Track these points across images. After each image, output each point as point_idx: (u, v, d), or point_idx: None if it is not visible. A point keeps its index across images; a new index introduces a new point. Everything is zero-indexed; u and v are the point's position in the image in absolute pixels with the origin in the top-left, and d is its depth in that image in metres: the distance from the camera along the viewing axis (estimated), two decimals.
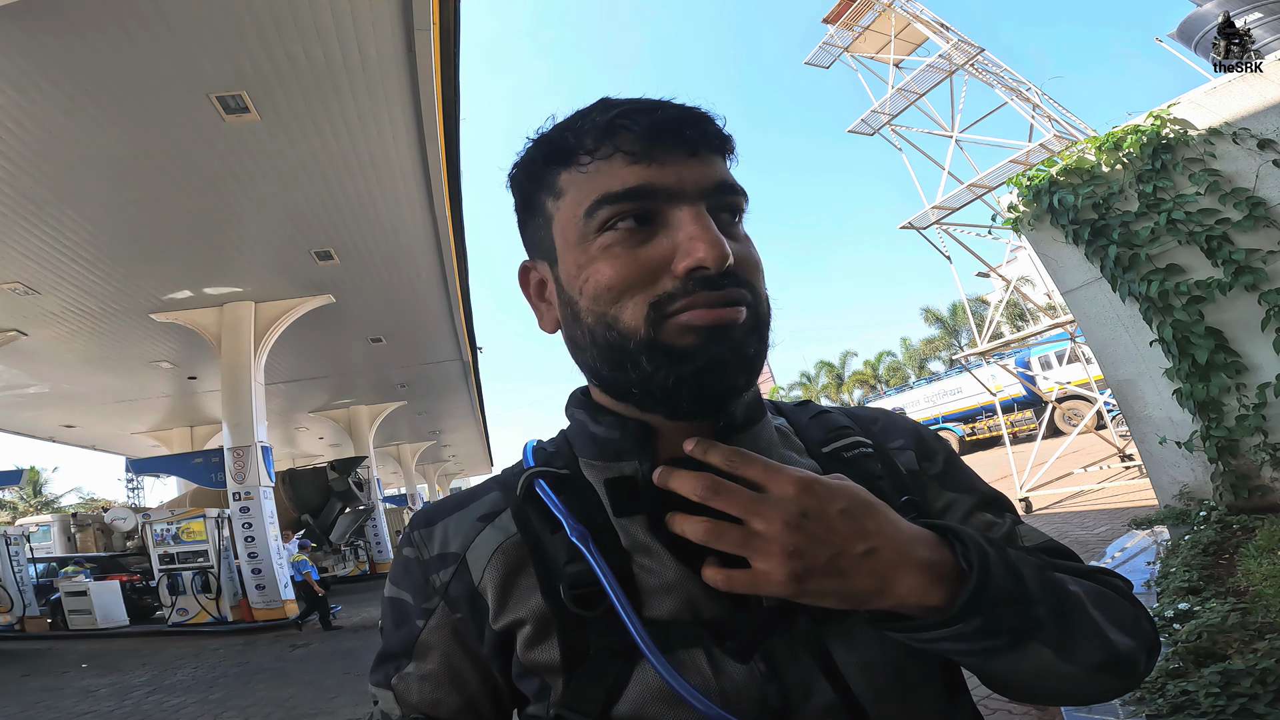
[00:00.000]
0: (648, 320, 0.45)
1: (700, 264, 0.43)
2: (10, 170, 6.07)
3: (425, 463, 29.97)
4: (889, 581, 0.41)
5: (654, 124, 0.46)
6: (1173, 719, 2.13)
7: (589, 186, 0.47)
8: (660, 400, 0.47)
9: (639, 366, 0.45)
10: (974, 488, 0.60)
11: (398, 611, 0.56)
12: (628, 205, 0.45)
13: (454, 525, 0.56)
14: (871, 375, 39.51)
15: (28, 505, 31.21)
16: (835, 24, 11.65)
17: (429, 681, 0.53)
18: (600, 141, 0.46)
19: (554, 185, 0.49)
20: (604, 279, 0.46)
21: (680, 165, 0.46)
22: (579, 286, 0.47)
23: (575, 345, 0.50)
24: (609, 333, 0.46)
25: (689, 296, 0.44)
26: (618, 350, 0.46)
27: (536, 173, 0.51)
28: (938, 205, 9.41)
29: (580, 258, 0.47)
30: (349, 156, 6.89)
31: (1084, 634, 0.45)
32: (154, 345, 11.23)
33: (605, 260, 0.46)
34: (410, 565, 0.56)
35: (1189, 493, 4.65)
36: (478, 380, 16.69)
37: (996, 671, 0.45)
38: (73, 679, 7.02)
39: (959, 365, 18.84)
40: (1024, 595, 0.42)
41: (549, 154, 0.49)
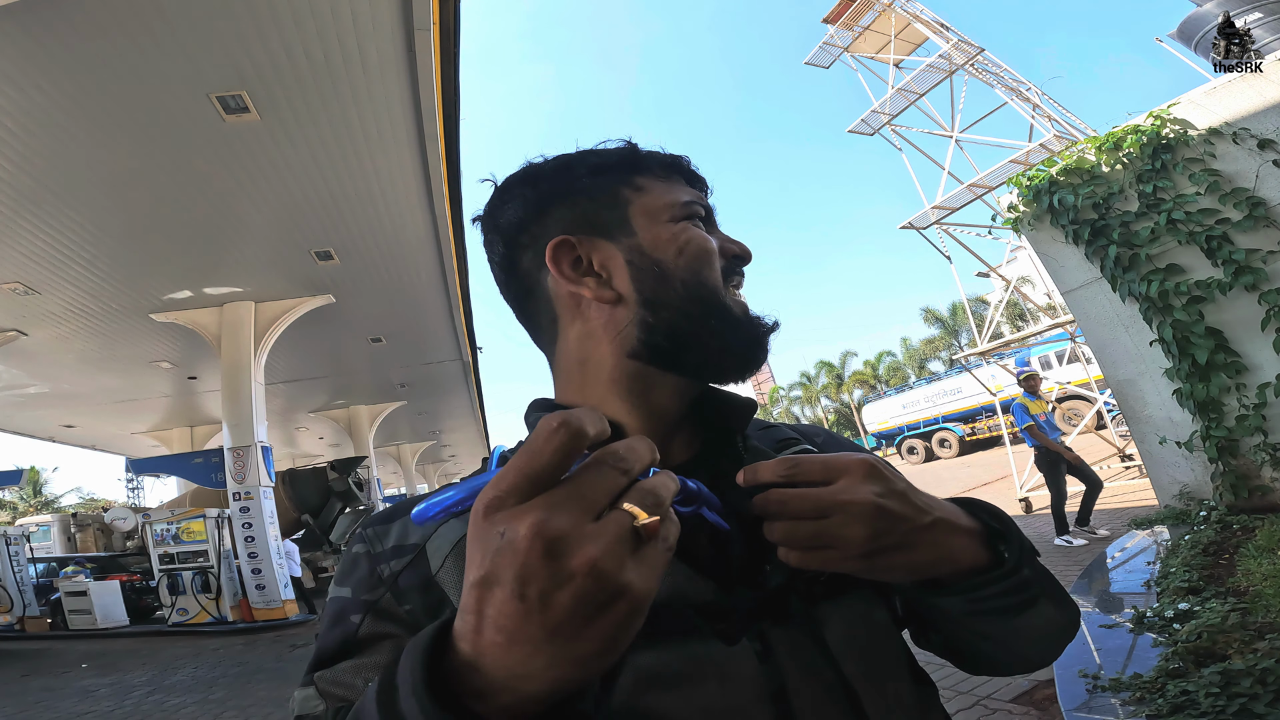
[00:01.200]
0: (723, 284, 0.57)
1: (745, 254, 0.61)
2: (10, 170, 6.07)
3: (425, 463, 29.98)
4: (948, 549, 0.46)
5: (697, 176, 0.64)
6: (1173, 719, 2.13)
7: (672, 189, 0.60)
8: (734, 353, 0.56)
9: (725, 319, 0.55)
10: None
11: (336, 611, 0.51)
12: (703, 210, 0.61)
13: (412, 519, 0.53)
14: (871, 375, 39.51)
15: (28, 505, 31.21)
16: (835, 24, 11.65)
17: (363, 674, 0.47)
18: (670, 170, 0.61)
19: (632, 180, 0.60)
20: (704, 243, 0.57)
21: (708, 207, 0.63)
22: (677, 248, 0.56)
23: (655, 305, 0.55)
24: (702, 289, 0.55)
25: (732, 276, 0.59)
26: (706, 304, 0.55)
27: (611, 165, 0.60)
28: (938, 205, 9.41)
29: (675, 229, 0.57)
30: (349, 156, 6.89)
31: (1062, 591, 0.53)
32: (154, 345, 11.23)
33: (699, 232, 0.58)
34: (358, 560, 0.52)
35: (1189, 493, 4.65)
36: (478, 380, 16.70)
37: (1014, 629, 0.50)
38: (73, 679, 7.02)
39: (959, 365, 18.84)
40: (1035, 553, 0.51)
41: (634, 158, 0.61)
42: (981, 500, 0.52)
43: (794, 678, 0.47)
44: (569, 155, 0.61)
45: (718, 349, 0.55)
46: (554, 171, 0.60)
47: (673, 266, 0.56)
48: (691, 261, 0.56)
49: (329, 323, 11.05)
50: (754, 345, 0.56)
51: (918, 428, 21.91)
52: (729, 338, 0.55)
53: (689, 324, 0.55)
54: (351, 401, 17.26)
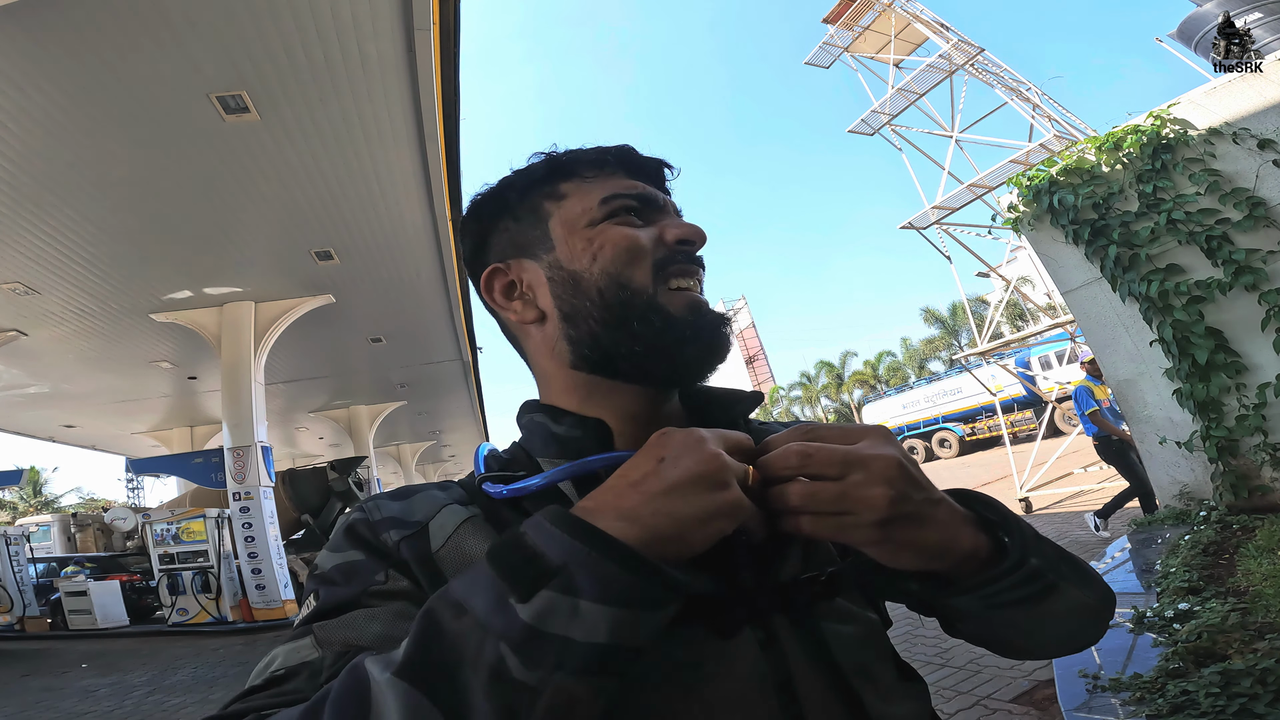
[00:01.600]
0: (654, 279, 0.54)
1: (688, 237, 0.56)
2: (10, 170, 6.07)
3: (425, 463, 29.98)
4: (954, 534, 0.44)
5: (648, 162, 0.61)
6: (1173, 719, 2.13)
7: (598, 188, 0.58)
8: (662, 357, 0.53)
9: (647, 321, 0.53)
10: None
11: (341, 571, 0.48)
12: (634, 201, 0.57)
13: (419, 501, 0.52)
14: (871, 375, 39.51)
15: (28, 505, 31.19)
16: (835, 24, 11.66)
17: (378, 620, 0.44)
18: (606, 163, 0.59)
19: (555, 191, 0.59)
20: (623, 241, 0.55)
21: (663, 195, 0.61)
22: (592, 254, 0.55)
23: (573, 318, 0.56)
24: (621, 291, 0.54)
25: (677, 263, 0.55)
26: (626, 306, 0.53)
27: (535, 180, 0.60)
28: (938, 205, 9.41)
29: (591, 234, 0.56)
30: (349, 156, 6.89)
31: (1085, 571, 0.51)
32: (154, 345, 11.23)
33: (620, 230, 0.56)
34: (355, 527, 0.50)
35: (1189, 493, 4.65)
36: (478, 380, 16.70)
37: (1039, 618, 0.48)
38: (73, 679, 7.02)
39: (959, 365, 18.84)
40: (1042, 539, 0.49)
41: (556, 165, 0.60)
42: (974, 491, 0.50)
43: (800, 669, 0.47)
44: (505, 178, 0.61)
45: (644, 352, 0.53)
46: (490, 200, 0.61)
47: (588, 275, 0.55)
48: (608, 265, 0.54)
49: (329, 323, 11.05)
50: (687, 344, 0.53)
51: (918, 428, 21.90)
52: (657, 339, 0.52)
53: (608, 332, 0.54)
54: (351, 401, 17.26)
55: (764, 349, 52.03)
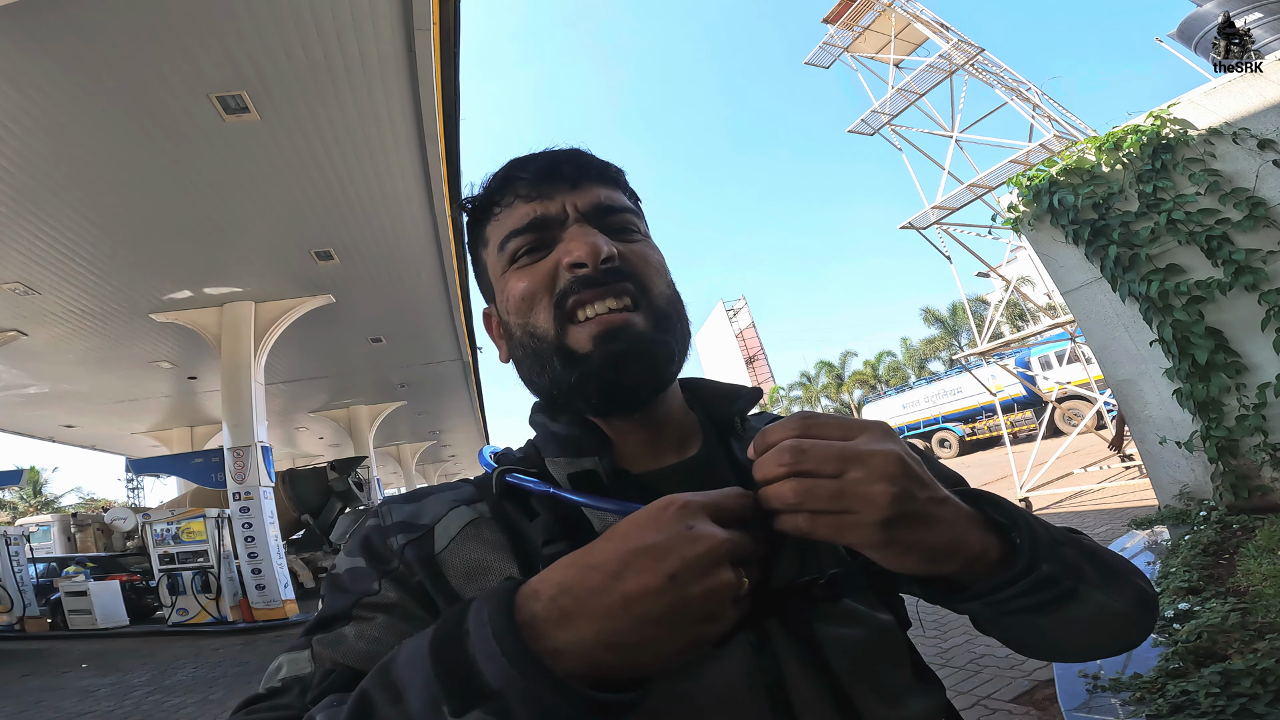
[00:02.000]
0: (555, 320, 0.52)
1: (578, 259, 0.51)
2: (10, 170, 6.07)
3: (425, 463, 29.97)
4: (962, 536, 0.41)
5: (538, 168, 0.56)
6: (1173, 719, 2.13)
7: (500, 229, 0.57)
8: (572, 399, 0.53)
9: (552, 367, 0.52)
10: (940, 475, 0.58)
11: (347, 577, 0.52)
12: (527, 237, 0.55)
13: (429, 504, 0.56)
14: (871, 375, 39.50)
15: (28, 505, 31.18)
16: (835, 24, 11.65)
17: (364, 639, 0.48)
18: (502, 193, 0.57)
19: (482, 237, 0.60)
20: (519, 292, 0.54)
21: (565, 196, 0.56)
22: (507, 308, 0.56)
23: (517, 363, 0.58)
24: (531, 340, 0.54)
25: (576, 294, 0.52)
26: (538, 355, 0.54)
27: (473, 232, 0.61)
28: (938, 205, 9.41)
29: (504, 287, 0.56)
30: (349, 156, 6.89)
31: (1116, 573, 0.48)
32: (154, 345, 11.22)
33: (514, 279, 0.55)
34: (370, 533, 0.54)
35: (1189, 493, 4.65)
36: (478, 380, 16.70)
37: (1058, 625, 0.46)
38: (73, 679, 7.02)
39: (959, 365, 18.84)
40: (1059, 542, 0.46)
41: (474, 215, 0.60)
42: (982, 490, 0.47)
43: (792, 670, 0.47)
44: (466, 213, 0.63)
45: (563, 395, 0.53)
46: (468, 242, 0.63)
47: (511, 324, 0.56)
48: (514, 317, 0.55)
49: (329, 323, 11.05)
50: (594, 378, 0.51)
51: (918, 428, 21.89)
52: (565, 380, 0.52)
53: (535, 377, 0.55)
54: (351, 401, 17.26)
55: (764, 349, 52.02)
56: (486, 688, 0.33)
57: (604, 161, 0.60)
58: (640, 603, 0.34)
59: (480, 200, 0.59)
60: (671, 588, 0.34)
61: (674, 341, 0.54)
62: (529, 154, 0.59)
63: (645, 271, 0.55)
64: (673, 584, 0.34)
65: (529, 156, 0.59)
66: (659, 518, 0.37)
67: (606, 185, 0.58)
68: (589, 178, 0.57)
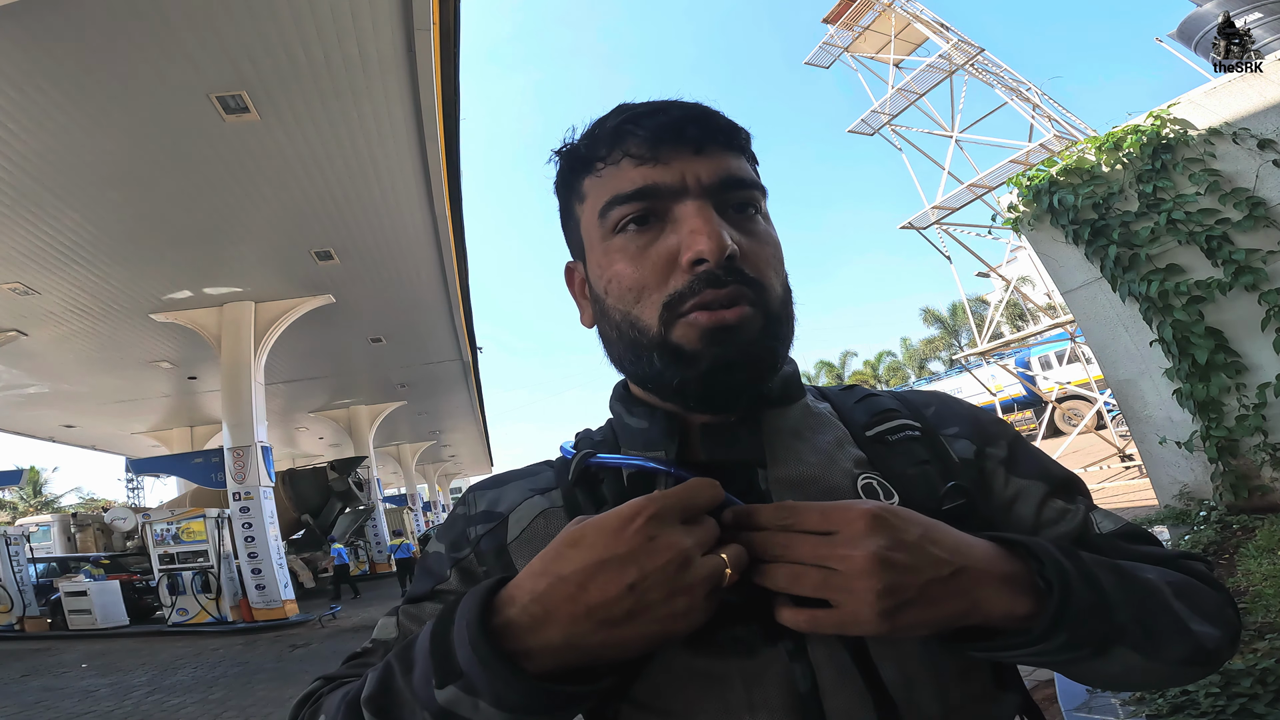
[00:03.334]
0: (661, 320, 0.48)
1: (700, 255, 0.46)
2: (10, 170, 6.07)
3: (425, 463, 29.97)
4: (977, 600, 0.41)
5: (658, 126, 0.49)
6: (1173, 719, 2.13)
7: (603, 190, 0.51)
8: (670, 396, 0.52)
9: (652, 364, 0.49)
10: (1046, 472, 0.57)
11: (431, 561, 0.57)
12: (635, 205, 0.49)
13: (509, 491, 0.58)
14: (871, 375, 39.50)
15: (28, 505, 31.19)
16: (835, 24, 11.66)
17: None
18: (611, 147, 0.50)
19: (578, 190, 0.54)
20: (624, 280, 0.49)
21: (685, 163, 0.49)
22: (604, 286, 0.52)
23: (606, 339, 0.55)
24: (632, 330, 0.50)
25: (696, 296, 0.47)
26: (637, 346, 0.50)
27: (566, 180, 0.56)
28: (938, 205, 9.42)
29: (601, 258, 0.52)
30: (349, 156, 6.89)
31: (1168, 631, 0.44)
32: (154, 345, 11.23)
33: (622, 261, 0.50)
34: (455, 520, 0.59)
35: (1189, 493, 4.64)
36: (478, 380, 16.70)
37: (1077, 674, 0.46)
38: (73, 679, 7.02)
39: (959, 365, 18.83)
40: (1105, 602, 0.42)
41: (572, 163, 0.54)
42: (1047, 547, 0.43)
43: (827, 678, 0.45)
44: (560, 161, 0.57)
45: (657, 389, 0.52)
46: (555, 188, 0.59)
47: (606, 304, 0.52)
48: (614, 300, 0.51)
49: (329, 323, 11.05)
50: (696, 382, 0.48)
51: None
52: (663, 377, 0.49)
53: (627, 362, 0.52)
54: (351, 401, 17.26)
55: None
56: (456, 668, 0.39)
57: (734, 123, 0.52)
58: (602, 611, 0.38)
59: (580, 148, 0.53)
60: (630, 596, 0.37)
61: (781, 347, 0.51)
62: (647, 103, 0.52)
63: (763, 268, 0.50)
64: (632, 593, 0.37)
65: (648, 107, 0.51)
66: (623, 530, 0.39)
67: (734, 153, 0.51)
68: (716, 142, 0.50)
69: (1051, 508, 0.55)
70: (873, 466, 0.53)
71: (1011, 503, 0.55)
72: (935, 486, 0.52)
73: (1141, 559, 0.51)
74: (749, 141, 0.54)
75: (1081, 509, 0.55)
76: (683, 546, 0.38)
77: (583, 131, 0.54)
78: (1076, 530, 0.54)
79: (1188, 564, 0.52)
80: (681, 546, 0.38)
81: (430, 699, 0.40)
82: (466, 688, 0.38)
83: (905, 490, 0.51)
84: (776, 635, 0.45)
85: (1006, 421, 0.61)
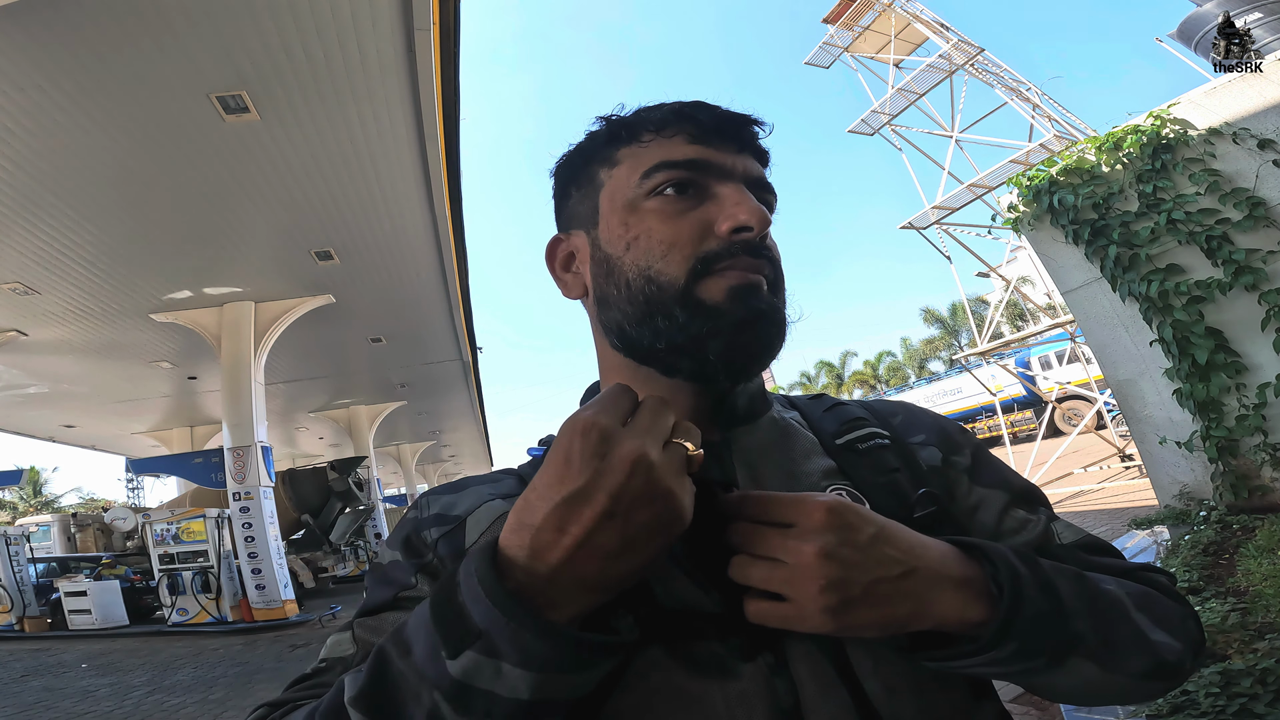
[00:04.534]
0: (690, 272, 0.49)
1: (744, 224, 0.48)
2: (10, 170, 6.07)
3: (425, 463, 29.97)
4: (927, 602, 0.41)
5: (716, 117, 0.52)
6: (1173, 719, 2.13)
7: (648, 156, 0.52)
8: (688, 354, 0.50)
9: (672, 318, 0.49)
10: (1006, 482, 0.57)
11: (389, 570, 0.53)
12: (684, 172, 0.51)
13: (466, 495, 0.56)
14: (871, 375, 39.50)
15: (28, 505, 31.19)
16: (835, 24, 11.66)
17: None
18: (667, 124, 0.52)
19: (611, 158, 0.55)
20: (655, 234, 0.50)
21: (730, 155, 0.52)
22: (626, 242, 0.51)
23: (604, 303, 0.54)
24: (649, 285, 0.50)
25: (732, 257, 0.48)
26: (653, 303, 0.50)
27: (596, 146, 0.56)
28: (938, 205, 9.42)
29: (628, 217, 0.52)
30: (349, 156, 6.89)
31: (1127, 643, 0.44)
32: (154, 345, 11.23)
33: (657, 219, 0.51)
34: (405, 525, 0.55)
35: (1189, 493, 4.65)
36: (478, 380, 16.70)
37: (1036, 686, 0.45)
38: (73, 679, 7.02)
39: (959, 365, 18.84)
40: (1061, 611, 0.42)
41: (614, 130, 0.55)
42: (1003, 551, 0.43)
43: (810, 694, 0.43)
44: (580, 141, 0.58)
45: (666, 350, 0.50)
46: (564, 165, 0.59)
47: (620, 262, 0.52)
48: (639, 258, 0.50)
49: (329, 323, 11.05)
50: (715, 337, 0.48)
51: None
52: (681, 334, 0.48)
53: (633, 325, 0.51)
54: (351, 401, 17.26)
55: None
56: (473, 629, 0.35)
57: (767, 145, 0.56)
58: (591, 547, 0.36)
59: (631, 119, 0.54)
60: (614, 524, 0.36)
61: (786, 329, 0.52)
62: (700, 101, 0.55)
63: (779, 260, 0.53)
64: (614, 521, 0.36)
65: (704, 103, 0.54)
66: (572, 462, 0.37)
67: (761, 162, 0.55)
68: (751, 150, 0.54)
69: (1013, 517, 0.55)
70: (843, 475, 0.53)
71: (974, 511, 0.55)
72: (907, 494, 0.52)
73: (1102, 570, 0.51)
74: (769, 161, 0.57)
75: (1043, 519, 0.55)
76: (638, 450, 0.36)
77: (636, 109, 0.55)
78: (1037, 540, 0.54)
79: (1149, 576, 0.52)
80: (637, 451, 0.36)
81: (442, 673, 0.36)
82: (486, 649, 0.35)
83: (876, 498, 0.51)
84: (755, 650, 0.44)
85: (969, 430, 0.62)
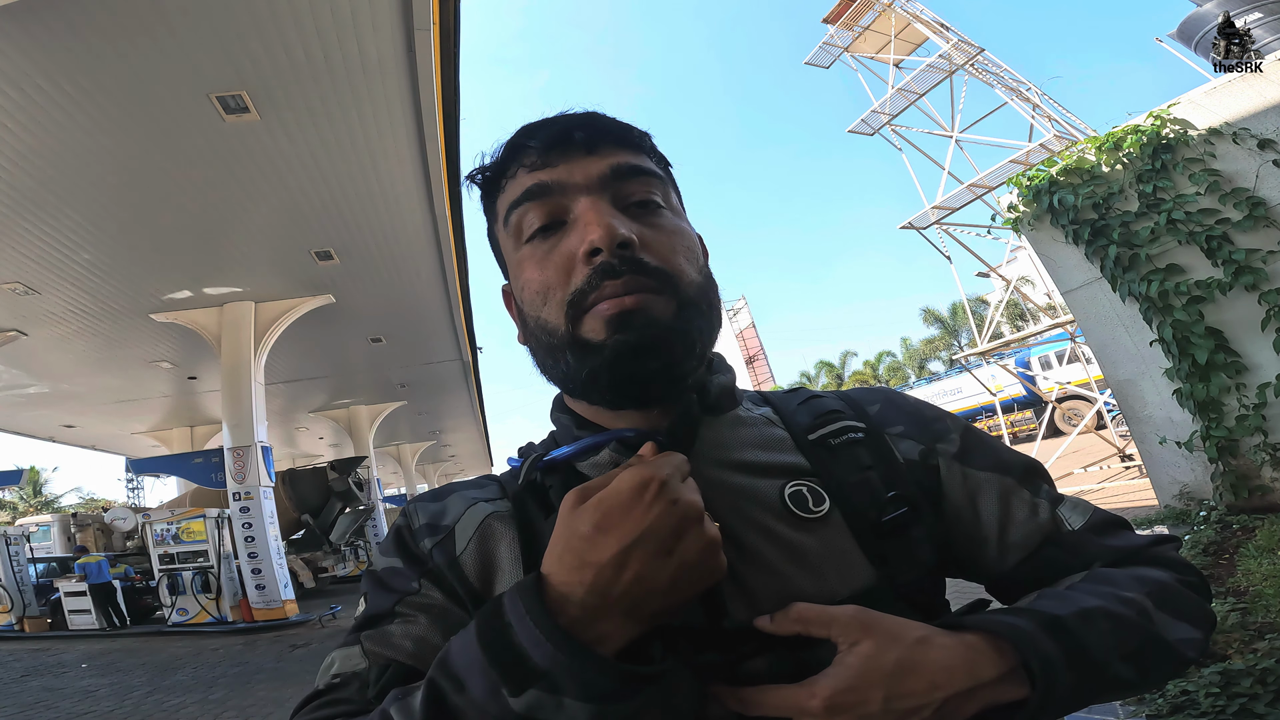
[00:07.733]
0: (567, 318, 0.49)
1: (593, 245, 0.47)
2: (10, 170, 6.07)
3: (425, 463, 29.96)
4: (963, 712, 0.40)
5: (548, 135, 0.51)
6: (1173, 719, 2.13)
7: (503, 201, 0.53)
8: (585, 392, 0.51)
9: (565, 362, 0.50)
10: (1003, 463, 0.55)
11: (387, 576, 0.53)
12: (527, 205, 0.51)
13: (451, 503, 0.56)
14: (871, 375, 39.49)
15: (28, 505, 31.19)
16: (835, 24, 11.67)
17: (410, 638, 0.49)
18: (509, 163, 0.53)
19: (494, 211, 0.56)
20: (532, 284, 0.51)
21: (575, 164, 0.51)
22: (520, 296, 0.53)
23: (530, 350, 0.55)
24: (543, 334, 0.51)
25: (596, 290, 0.47)
26: (551, 349, 0.51)
27: (484, 205, 0.57)
28: (938, 205, 9.42)
29: (515, 269, 0.53)
30: (349, 156, 6.88)
31: (1158, 661, 0.45)
32: (154, 345, 11.22)
33: (528, 266, 0.51)
34: (400, 533, 0.55)
35: (1189, 493, 4.65)
36: (478, 380, 16.69)
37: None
38: (73, 679, 7.02)
39: (959, 365, 18.84)
40: (1096, 668, 0.42)
41: (485, 187, 0.56)
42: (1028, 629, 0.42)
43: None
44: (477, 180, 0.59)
45: (580, 382, 0.50)
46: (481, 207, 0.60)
47: (525, 312, 0.53)
48: (530, 307, 0.52)
49: (329, 323, 11.05)
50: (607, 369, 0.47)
51: None
52: (579, 370, 0.49)
53: (546, 370, 0.53)
54: (351, 401, 17.25)
55: (764, 349, 52.01)
56: (536, 670, 0.37)
57: (625, 124, 0.53)
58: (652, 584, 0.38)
59: (488, 172, 0.55)
60: (671, 564, 0.39)
61: (696, 332, 0.49)
62: (540, 119, 0.53)
63: (669, 256, 0.49)
64: (671, 560, 0.39)
65: (540, 122, 0.53)
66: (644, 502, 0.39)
67: (628, 150, 0.52)
68: (607, 143, 0.51)
69: (1016, 503, 0.53)
70: (814, 471, 0.52)
71: (973, 499, 0.54)
72: (878, 495, 0.51)
73: (1116, 555, 0.51)
74: (646, 139, 0.55)
75: (1047, 505, 0.54)
76: (699, 504, 0.40)
77: (490, 155, 0.55)
78: (1046, 529, 0.53)
79: (1162, 553, 0.52)
80: (699, 505, 0.40)
81: (505, 710, 0.37)
82: (549, 687, 0.37)
83: (846, 500, 0.50)
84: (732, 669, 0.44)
85: (953, 414, 0.60)
